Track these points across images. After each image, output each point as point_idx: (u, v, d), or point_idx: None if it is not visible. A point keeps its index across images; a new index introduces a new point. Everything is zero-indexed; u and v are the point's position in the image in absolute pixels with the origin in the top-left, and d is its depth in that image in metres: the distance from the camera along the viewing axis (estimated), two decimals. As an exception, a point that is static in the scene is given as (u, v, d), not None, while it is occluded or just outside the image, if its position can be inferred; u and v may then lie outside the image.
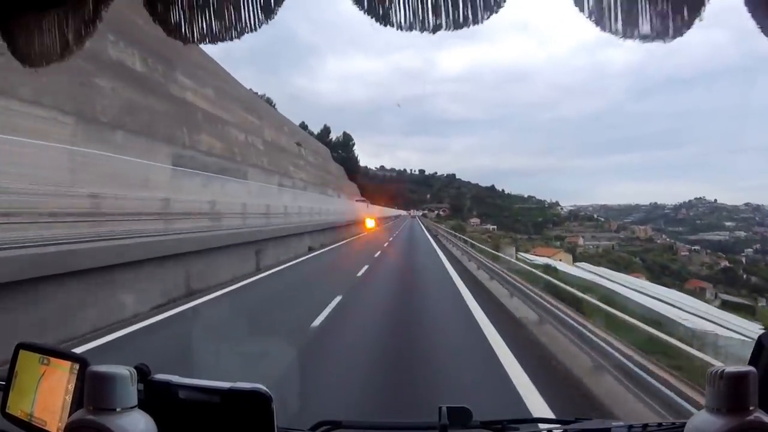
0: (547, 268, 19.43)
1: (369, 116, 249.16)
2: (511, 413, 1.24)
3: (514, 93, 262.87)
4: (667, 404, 2.85)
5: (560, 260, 43.82)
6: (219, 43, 0.85)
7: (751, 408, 0.69)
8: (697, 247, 76.49)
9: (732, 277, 62.67)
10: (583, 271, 30.97)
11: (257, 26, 0.82)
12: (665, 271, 64.43)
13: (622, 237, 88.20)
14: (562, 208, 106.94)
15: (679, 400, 2.77)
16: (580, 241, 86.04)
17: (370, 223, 37.26)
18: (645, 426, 0.86)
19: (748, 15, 0.75)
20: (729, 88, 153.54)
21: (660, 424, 0.87)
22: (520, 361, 4.79)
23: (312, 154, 36.06)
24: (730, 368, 0.70)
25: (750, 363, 0.82)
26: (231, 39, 0.84)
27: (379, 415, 3.27)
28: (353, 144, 78.09)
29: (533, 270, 9.55)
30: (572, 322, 4.98)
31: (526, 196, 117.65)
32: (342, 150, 72.09)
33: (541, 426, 0.96)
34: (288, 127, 33.58)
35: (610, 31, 0.77)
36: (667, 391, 2.89)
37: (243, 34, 0.83)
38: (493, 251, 16.28)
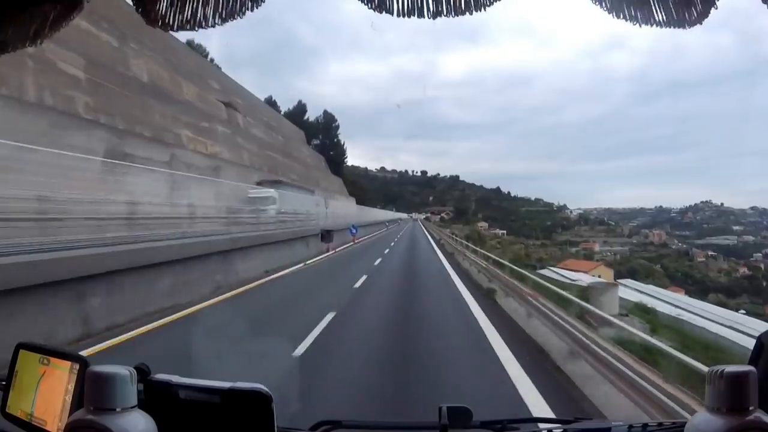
0: (645, 313, 13.94)
1: (370, 120, 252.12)
2: (511, 413, 1.27)
3: (517, 97, 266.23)
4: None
5: (599, 276, 37.21)
6: (202, 29, 0.87)
7: (751, 408, 0.71)
8: (713, 253, 76.42)
9: (757, 286, 61.12)
10: (640, 294, 24.29)
11: (243, 12, 0.84)
12: (688, 280, 63.18)
13: (634, 242, 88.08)
14: (571, 212, 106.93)
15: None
16: (596, 248, 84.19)
17: (333, 239, 19.64)
18: (645, 426, 0.89)
19: (753, 17, 0.77)
20: (733, 92, 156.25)
21: (660, 424, 0.90)
22: None
23: (263, 128, 25.25)
24: (730, 368, 0.73)
25: (750, 362, 0.85)
26: (214, 25, 0.86)
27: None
28: (337, 126, 63.00)
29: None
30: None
31: (533, 198, 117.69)
32: (323, 135, 59.23)
33: (541, 426, 0.98)
34: (221, 84, 22.99)
35: (625, 17, 0.79)
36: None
37: (228, 20, 0.85)
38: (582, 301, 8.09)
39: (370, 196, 72.49)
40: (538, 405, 4.05)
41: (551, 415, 3.26)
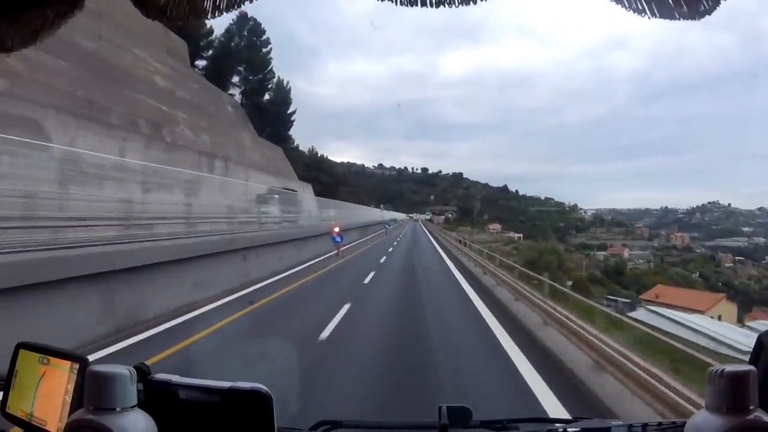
0: None
1: (370, 120, 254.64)
2: (511, 413, 1.33)
3: (518, 98, 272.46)
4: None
5: (720, 317, 29.62)
6: (200, 21, 0.95)
7: (751, 407, 0.77)
8: (741, 258, 76.65)
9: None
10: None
11: (240, 3, 0.91)
12: (730, 291, 60.59)
13: (656, 245, 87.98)
14: (585, 212, 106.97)
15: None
16: (626, 254, 78.71)
17: None
18: (645, 426, 0.96)
19: (755, 18, 0.83)
20: (735, 94, 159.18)
21: (660, 424, 0.96)
22: None
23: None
24: (731, 367, 0.78)
25: (750, 362, 0.91)
26: (213, 17, 0.93)
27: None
28: (267, 42, 36.44)
29: None
30: None
31: (543, 198, 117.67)
32: (247, 67, 34.78)
33: (541, 425, 1.05)
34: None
35: (634, 9, 0.84)
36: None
37: (226, 11, 0.91)
38: None
39: (354, 190, 64.36)
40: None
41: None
